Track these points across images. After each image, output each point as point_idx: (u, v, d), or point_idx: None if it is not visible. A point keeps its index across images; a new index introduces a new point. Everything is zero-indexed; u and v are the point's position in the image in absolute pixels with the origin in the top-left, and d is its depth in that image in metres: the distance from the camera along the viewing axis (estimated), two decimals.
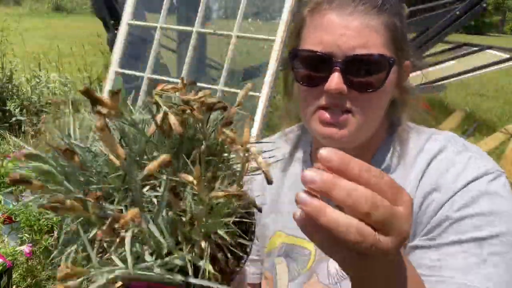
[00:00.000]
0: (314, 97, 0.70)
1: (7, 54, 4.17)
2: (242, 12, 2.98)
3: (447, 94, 6.40)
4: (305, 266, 0.82)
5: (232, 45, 2.99)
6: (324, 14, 0.69)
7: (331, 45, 0.67)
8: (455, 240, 0.65)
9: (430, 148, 0.74)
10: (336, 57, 0.67)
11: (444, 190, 0.69)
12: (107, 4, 3.91)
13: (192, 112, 0.41)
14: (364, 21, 0.66)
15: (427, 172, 0.72)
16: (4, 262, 1.68)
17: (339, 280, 0.79)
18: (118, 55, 3.34)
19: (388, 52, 0.68)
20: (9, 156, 2.11)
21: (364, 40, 0.66)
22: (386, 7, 0.68)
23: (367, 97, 0.68)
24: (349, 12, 0.67)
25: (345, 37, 0.66)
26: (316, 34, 0.69)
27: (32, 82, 3.78)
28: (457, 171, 0.69)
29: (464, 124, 4.69)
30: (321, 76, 0.68)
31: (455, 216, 0.66)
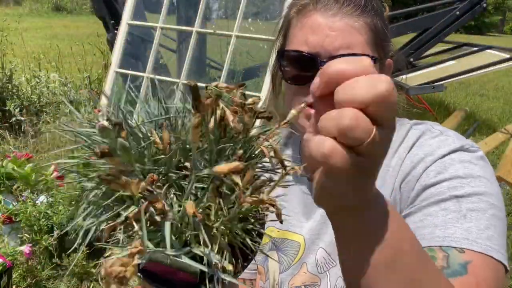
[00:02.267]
0: (301, 96, 0.73)
1: (7, 54, 4.17)
2: (242, 12, 2.98)
3: (447, 94, 6.40)
4: (295, 258, 0.84)
5: (232, 45, 2.99)
6: (310, 15, 0.71)
7: (316, 46, 0.69)
8: (434, 201, 0.67)
9: (410, 136, 0.76)
10: (321, 57, 0.69)
11: (420, 165, 0.71)
12: (107, 4, 3.91)
13: (243, 115, 0.41)
14: (348, 22, 0.69)
15: (407, 158, 0.74)
16: (4, 262, 1.68)
17: (328, 268, 0.81)
18: (118, 55, 3.35)
19: (370, 51, 0.71)
20: (9, 156, 2.11)
21: (348, 40, 0.69)
22: (368, 8, 0.71)
23: None
24: (333, 13, 0.69)
25: (329, 38, 0.69)
26: (302, 34, 0.72)
27: (32, 82, 3.78)
28: (432, 148, 0.72)
29: (464, 124, 4.69)
30: (307, 75, 0.71)
31: (432, 181, 0.68)
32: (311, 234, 0.83)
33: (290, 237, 0.86)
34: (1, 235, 1.90)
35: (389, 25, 0.78)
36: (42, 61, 4.60)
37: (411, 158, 0.74)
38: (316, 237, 0.83)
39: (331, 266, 0.81)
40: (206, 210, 0.39)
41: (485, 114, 5.53)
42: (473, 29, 23.49)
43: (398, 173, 0.74)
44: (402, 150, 0.76)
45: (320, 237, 0.83)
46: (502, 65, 4.45)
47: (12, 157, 2.08)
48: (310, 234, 0.83)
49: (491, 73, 6.81)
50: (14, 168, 2.03)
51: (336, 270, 0.81)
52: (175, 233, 0.38)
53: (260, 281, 0.90)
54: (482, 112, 5.64)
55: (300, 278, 0.84)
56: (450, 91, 6.55)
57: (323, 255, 0.82)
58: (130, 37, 3.45)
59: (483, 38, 17.84)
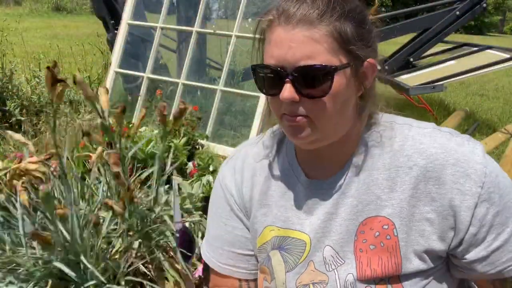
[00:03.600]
0: (277, 105, 0.78)
1: (7, 54, 4.17)
2: (242, 12, 2.98)
3: (447, 94, 6.40)
4: (301, 256, 0.85)
5: (232, 45, 2.99)
6: (275, 30, 0.74)
7: (280, 59, 0.73)
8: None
9: (418, 139, 0.80)
10: (286, 69, 0.73)
11: (464, 195, 0.75)
12: (107, 4, 3.91)
13: None
14: (306, 33, 0.71)
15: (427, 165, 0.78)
16: None
17: (336, 266, 0.82)
18: (118, 55, 3.34)
19: (335, 59, 0.72)
20: (9, 156, 2.11)
21: (308, 51, 0.71)
22: (329, 15, 0.72)
23: (318, 103, 0.74)
24: (293, 26, 0.72)
25: (291, 50, 0.72)
26: (269, 49, 0.76)
27: (32, 82, 3.78)
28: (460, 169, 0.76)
29: (464, 124, 4.69)
30: (276, 87, 0.75)
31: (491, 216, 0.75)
32: (316, 232, 0.84)
33: (292, 235, 0.86)
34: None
35: (389, 25, 0.80)
36: (42, 61, 4.60)
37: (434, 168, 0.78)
38: (322, 235, 0.83)
39: (340, 264, 0.82)
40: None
41: (485, 114, 5.52)
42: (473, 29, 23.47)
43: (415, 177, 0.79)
44: (409, 149, 0.80)
45: (326, 235, 0.83)
46: (502, 65, 4.45)
47: (12, 157, 2.08)
48: (315, 232, 0.84)
49: (491, 73, 6.79)
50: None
51: (345, 267, 0.81)
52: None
53: (264, 281, 0.90)
54: (482, 112, 5.63)
55: (307, 276, 0.84)
56: (450, 91, 6.54)
57: (331, 253, 0.82)
58: (130, 37, 3.45)
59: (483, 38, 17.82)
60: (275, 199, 0.89)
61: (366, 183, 0.81)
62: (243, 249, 0.93)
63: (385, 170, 0.80)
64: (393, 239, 0.78)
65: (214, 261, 0.94)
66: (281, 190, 0.88)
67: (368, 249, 0.80)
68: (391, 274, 0.78)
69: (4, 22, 6.01)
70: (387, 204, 0.79)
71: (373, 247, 0.79)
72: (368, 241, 0.80)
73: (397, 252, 0.78)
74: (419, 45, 4.71)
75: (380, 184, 0.80)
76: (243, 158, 0.94)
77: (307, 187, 0.85)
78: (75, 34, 10.64)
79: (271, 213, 0.89)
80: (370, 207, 0.80)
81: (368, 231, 0.80)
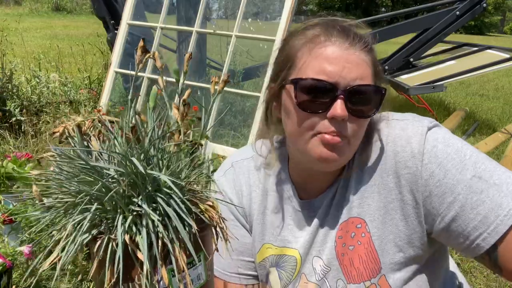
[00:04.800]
0: (314, 123, 0.76)
1: (7, 54, 4.17)
2: (242, 12, 2.98)
3: (447, 94, 6.40)
4: (294, 272, 0.89)
5: (232, 45, 2.99)
6: (325, 46, 0.75)
7: (335, 75, 0.73)
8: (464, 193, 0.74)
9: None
10: (340, 86, 0.73)
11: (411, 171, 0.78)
12: (107, 4, 3.91)
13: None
14: (360, 56, 0.75)
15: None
16: (4, 262, 1.68)
17: (324, 274, 0.86)
18: (118, 55, 3.35)
19: (376, 83, 0.77)
20: (9, 156, 2.11)
21: (361, 72, 0.74)
22: (371, 47, 0.78)
23: (361, 123, 0.76)
24: (347, 47, 0.75)
25: (347, 69, 0.73)
26: (318, 64, 0.75)
27: (32, 82, 3.78)
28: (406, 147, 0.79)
29: (464, 124, 4.69)
30: (323, 103, 0.74)
31: (441, 182, 0.75)
32: (305, 247, 0.87)
33: (286, 252, 0.90)
34: (1, 235, 1.90)
35: (389, 26, 0.82)
36: (42, 61, 4.60)
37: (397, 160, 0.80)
38: (309, 248, 0.87)
39: (327, 271, 0.85)
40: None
41: (485, 114, 5.53)
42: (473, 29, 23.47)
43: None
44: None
45: (312, 246, 0.87)
46: (502, 65, 4.45)
47: (12, 157, 2.08)
48: (304, 247, 0.87)
49: (491, 73, 6.81)
50: (14, 168, 2.02)
51: (332, 273, 0.85)
52: None
53: None
54: (482, 112, 5.64)
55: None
56: (450, 91, 6.55)
57: (319, 263, 0.86)
58: (130, 37, 3.45)
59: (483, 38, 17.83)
60: (271, 219, 0.91)
61: (342, 193, 0.84)
62: (251, 256, 0.94)
63: (358, 177, 0.83)
64: (367, 235, 0.81)
65: (220, 271, 0.94)
66: (277, 210, 0.91)
67: (348, 250, 0.83)
68: (373, 269, 0.81)
69: (4, 22, 6.01)
70: (355, 204, 0.82)
71: (352, 247, 0.83)
72: (346, 244, 0.83)
73: (372, 246, 0.81)
74: (419, 45, 4.72)
75: (353, 189, 0.83)
76: (239, 171, 0.94)
77: (301, 208, 0.88)
78: (75, 34, 10.64)
79: (268, 231, 0.92)
80: (343, 212, 0.84)
81: (345, 234, 0.83)
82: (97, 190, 0.49)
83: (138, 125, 0.53)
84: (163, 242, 0.48)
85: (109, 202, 0.49)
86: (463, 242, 0.74)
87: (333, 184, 0.85)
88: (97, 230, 0.50)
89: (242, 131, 3.13)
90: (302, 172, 0.87)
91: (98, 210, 0.50)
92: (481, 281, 2.09)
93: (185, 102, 0.58)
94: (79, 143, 0.55)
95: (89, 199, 0.50)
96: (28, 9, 16.96)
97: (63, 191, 0.52)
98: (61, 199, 0.52)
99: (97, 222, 0.51)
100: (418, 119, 0.81)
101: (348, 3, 33.91)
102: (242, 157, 0.96)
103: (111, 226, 0.49)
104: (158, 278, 0.48)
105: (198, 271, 0.55)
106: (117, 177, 0.50)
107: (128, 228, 0.48)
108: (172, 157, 0.55)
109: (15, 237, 1.93)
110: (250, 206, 0.92)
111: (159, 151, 0.54)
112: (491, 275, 2.11)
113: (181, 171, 0.54)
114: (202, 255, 0.55)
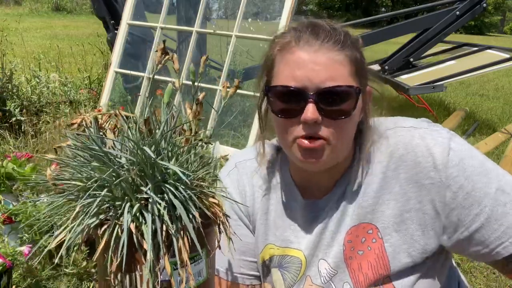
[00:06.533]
0: (291, 128, 0.77)
1: (7, 54, 4.17)
2: (242, 12, 2.98)
3: (447, 94, 6.40)
4: (298, 273, 0.88)
5: (232, 45, 2.99)
6: (293, 52, 0.76)
7: (303, 80, 0.74)
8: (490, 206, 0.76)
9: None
10: (309, 90, 0.73)
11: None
12: (107, 4, 3.91)
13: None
14: (329, 56, 0.74)
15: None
16: (4, 262, 1.68)
17: (330, 277, 0.85)
18: (118, 55, 3.35)
19: (353, 81, 0.76)
20: (9, 156, 2.11)
21: (332, 73, 0.73)
22: (347, 43, 0.76)
23: (339, 124, 0.76)
24: (316, 49, 0.74)
25: (315, 72, 0.73)
26: (288, 70, 0.76)
27: (32, 82, 3.78)
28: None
29: (464, 124, 4.69)
30: (296, 109, 0.75)
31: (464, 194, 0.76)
32: (310, 249, 0.87)
33: (290, 253, 0.89)
34: (1, 235, 1.89)
35: (389, 26, 0.82)
36: (42, 61, 4.60)
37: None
38: (315, 250, 0.87)
39: (333, 274, 0.85)
40: None
41: (485, 114, 5.52)
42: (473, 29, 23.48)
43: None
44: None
45: (318, 249, 0.86)
46: (502, 65, 4.45)
47: (12, 157, 2.08)
48: (310, 248, 0.87)
49: (491, 73, 6.80)
50: (14, 168, 2.02)
51: (339, 276, 0.85)
52: None
53: None
54: (482, 112, 5.63)
55: None
56: (450, 91, 6.55)
57: (325, 266, 0.86)
58: (130, 37, 3.45)
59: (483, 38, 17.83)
60: (273, 219, 0.91)
61: (353, 197, 0.84)
62: (254, 256, 0.94)
63: (373, 183, 0.82)
64: (378, 241, 0.81)
65: (223, 270, 0.94)
66: (279, 211, 0.90)
67: (357, 255, 0.83)
68: (381, 275, 0.81)
69: (4, 22, 6.01)
70: (368, 210, 0.82)
71: (362, 252, 0.83)
72: (356, 248, 0.83)
73: (384, 253, 0.81)
74: (419, 45, 4.71)
75: (366, 195, 0.83)
76: (243, 172, 0.94)
77: (304, 208, 0.88)
78: (75, 34, 10.64)
79: (270, 232, 0.91)
80: (354, 216, 0.83)
81: (355, 238, 0.83)
82: (107, 176, 0.51)
83: (151, 118, 0.54)
84: (167, 232, 0.49)
85: (117, 189, 0.51)
86: (481, 249, 0.77)
87: (338, 186, 0.85)
88: (105, 216, 0.51)
89: (242, 131, 3.13)
90: (301, 172, 0.87)
91: (107, 196, 0.51)
92: (481, 281, 2.09)
93: (198, 101, 0.61)
94: (95, 132, 0.57)
95: (99, 185, 0.51)
96: (28, 9, 16.95)
97: (74, 177, 0.53)
98: (73, 184, 0.54)
99: (105, 209, 0.52)
100: (435, 127, 0.82)
101: (348, 3, 33.90)
102: (245, 157, 0.96)
103: (118, 212, 0.50)
104: (161, 268, 0.49)
105: (200, 267, 0.56)
106: (127, 166, 0.52)
107: (134, 216, 0.49)
108: (182, 151, 0.57)
109: (15, 237, 1.93)
110: (254, 206, 0.92)
111: (169, 144, 0.55)
112: (491, 275, 2.11)
113: (189, 165, 0.56)
114: (205, 251, 0.55)
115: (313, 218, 0.87)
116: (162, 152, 0.55)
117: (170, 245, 0.49)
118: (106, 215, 0.52)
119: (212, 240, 0.57)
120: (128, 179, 0.50)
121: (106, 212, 0.52)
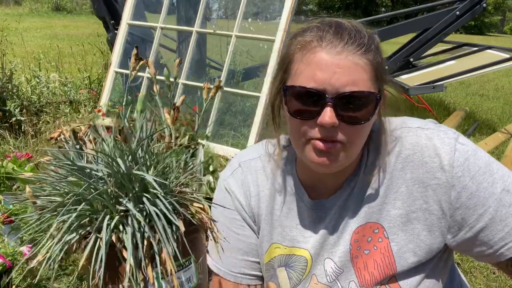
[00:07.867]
0: (306, 129, 0.75)
1: (7, 54, 4.17)
2: (242, 12, 2.98)
3: (447, 94, 6.40)
4: (304, 272, 0.88)
5: (232, 45, 2.99)
6: (315, 52, 0.73)
7: (324, 82, 0.72)
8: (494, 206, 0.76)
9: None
10: (328, 93, 0.72)
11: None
12: (107, 4, 3.91)
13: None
14: (353, 59, 0.72)
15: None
16: (4, 262, 1.68)
17: (336, 276, 0.85)
18: (118, 55, 3.34)
19: (373, 87, 0.74)
20: (9, 156, 2.11)
21: (354, 77, 0.71)
22: (371, 47, 0.74)
23: (356, 129, 0.74)
24: (339, 51, 0.72)
25: (337, 75, 0.71)
26: (309, 70, 0.73)
27: (32, 82, 3.78)
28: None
29: (464, 124, 4.69)
30: (313, 110, 0.73)
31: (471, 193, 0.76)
32: (316, 248, 0.87)
33: (296, 252, 0.89)
34: (1, 235, 1.89)
35: (389, 26, 0.81)
36: (42, 61, 4.60)
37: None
38: (320, 249, 0.87)
39: (339, 273, 0.85)
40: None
41: (485, 114, 5.52)
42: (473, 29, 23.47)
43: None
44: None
45: (324, 248, 0.86)
46: (502, 65, 4.45)
47: (12, 157, 2.08)
48: (315, 247, 0.87)
49: (491, 73, 6.80)
50: (14, 168, 2.02)
51: (345, 275, 0.85)
52: None
53: None
54: (482, 112, 5.63)
55: None
56: (450, 91, 6.55)
57: (331, 265, 0.86)
58: (130, 37, 3.45)
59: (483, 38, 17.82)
60: (280, 219, 0.90)
61: (360, 197, 0.84)
62: (256, 257, 0.94)
63: (379, 183, 0.82)
64: (384, 241, 0.81)
65: (225, 270, 0.94)
66: (286, 210, 0.90)
67: (363, 254, 0.83)
68: (387, 274, 0.81)
69: (4, 22, 6.01)
70: (374, 210, 0.82)
71: (368, 251, 0.83)
72: (362, 247, 0.83)
73: (390, 252, 0.81)
74: (419, 45, 4.71)
75: (373, 195, 0.83)
76: (247, 171, 0.94)
77: (310, 207, 0.87)
78: (75, 34, 10.64)
79: (277, 231, 0.91)
80: (361, 216, 0.83)
81: (361, 238, 0.83)
82: (84, 190, 0.50)
83: (125, 127, 0.53)
84: (150, 243, 0.48)
85: (97, 202, 0.50)
86: (485, 250, 0.77)
87: (345, 186, 0.85)
88: (85, 230, 0.51)
89: (242, 131, 3.13)
90: (310, 172, 0.86)
91: (87, 210, 0.50)
92: (481, 281, 2.09)
93: (175, 107, 0.59)
94: (72, 147, 0.56)
95: (78, 199, 0.50)
96: (28, 9, 16.95)
97: (54, 192, 0.53)
98: (52, 200, 0.53)
99: (86, 222, 0.51)
100: (442, 128, 0.81)
101: (348, 3, 33.90)
102: (249, 157, 0.96)
103: (99, 226, 0.50)
104: (146, 278, 0.48)
105: (189, 273, 0.55)
106: (105, 178, 0.50)
107: (116, 228, 0.49)
108: (160, 158, 0.56)
109: (15, 237, 1.93)
110: (259, 206, 0.92)
111: (146, 152, 0.54)
112: (491, 275, 2.11)
113: (169, 172, 0.55)
114: (192, 257, 0.55)
115: (320, 218, 0.86)
116: (139, 161, 0.54)
117: (154, 256, 0.49)
118: (86, 229, 0.51)
119: (200, 246, 0.57)
120: (106, 191, 0.49)
121: (87, 226, 0.51)
